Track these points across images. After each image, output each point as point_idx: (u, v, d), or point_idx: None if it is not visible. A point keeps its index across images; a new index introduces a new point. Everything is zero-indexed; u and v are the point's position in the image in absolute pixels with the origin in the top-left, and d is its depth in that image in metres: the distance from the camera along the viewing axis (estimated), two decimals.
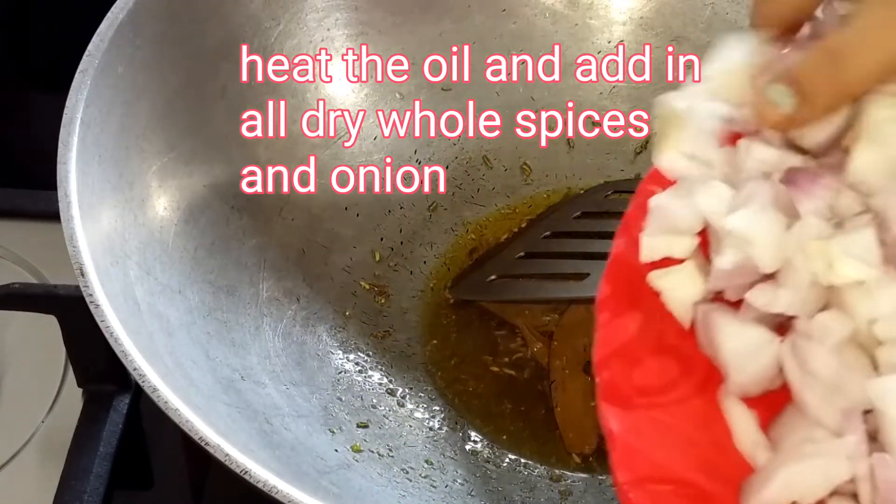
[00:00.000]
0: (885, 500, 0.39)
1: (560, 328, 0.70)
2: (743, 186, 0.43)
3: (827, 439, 0.40)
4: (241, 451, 0.50)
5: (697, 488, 0.42)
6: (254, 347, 0.64)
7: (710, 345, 0.43)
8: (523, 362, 0.70)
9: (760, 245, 0.41)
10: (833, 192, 0.41)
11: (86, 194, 0.57)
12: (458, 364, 0.70)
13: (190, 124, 0.67)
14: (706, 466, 0.42)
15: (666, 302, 0.44)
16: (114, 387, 0.70)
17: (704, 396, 0.43)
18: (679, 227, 0.44)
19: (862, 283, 0.40)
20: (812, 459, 0.40)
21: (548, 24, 0.79)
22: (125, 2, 0.63)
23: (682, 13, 0.78)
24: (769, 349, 0.42)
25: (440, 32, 0.77)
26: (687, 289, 0.43)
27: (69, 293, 0.64)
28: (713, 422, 0.43)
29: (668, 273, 0.44)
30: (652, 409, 0.43)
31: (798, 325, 0.41)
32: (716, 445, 0.42)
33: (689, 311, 0.44)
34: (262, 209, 0.70)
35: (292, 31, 0.73)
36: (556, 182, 0.78)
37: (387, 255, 0.74)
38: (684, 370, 0.43)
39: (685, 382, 0.43)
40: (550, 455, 0.66)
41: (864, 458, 0.39)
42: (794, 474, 0.40)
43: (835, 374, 0.40)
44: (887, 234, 0.40)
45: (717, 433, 0.43)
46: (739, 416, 0.42)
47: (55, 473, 0.66)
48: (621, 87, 0.79)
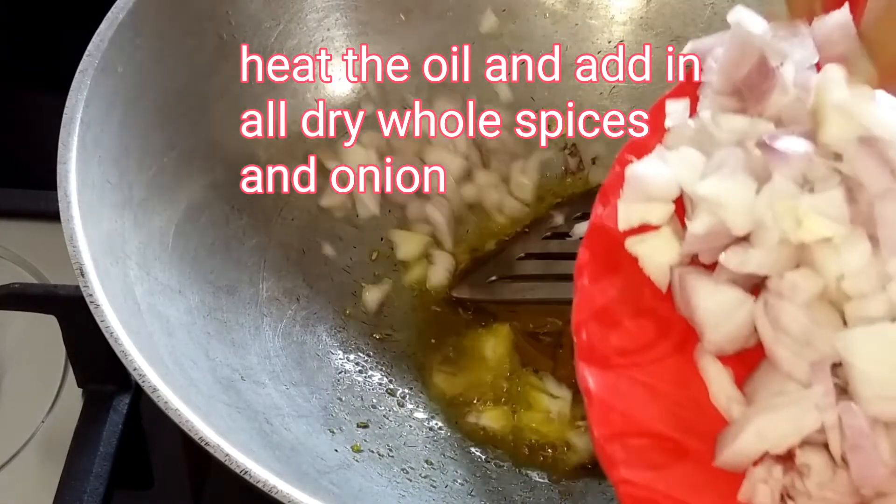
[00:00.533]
0: (852, 446, 0.40)
1: (566, 335, 0.69)
2: (714, 154, 0.44)
3: (798, 392, 0.41)
4: (241, 451, 0.50)
5: (674, 442, 0.43)
6: (254, 347, 0.64)
7: (687, 306, 0.44)
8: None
9: (732, 208, 0.42)
10: (806, 160, 0.42)
11: (86, 194, 0.57)
12: (459, 364, 0.70)
13: (190, 124, 0.67)
14: (683, 422, 0.43)
15: (643, 266, 0.45)
16: (114, 387, 0.70)
17: (681, 356, 0.44)
18: (655, 194, 0.45)
19: (830, 240, 0.41)
20: (783, 410, 0.41)
21: (548, 24, 0.79)
22: (125, 2, 0.63)
23: (682, 13, 0.78)
24: (743, 308, 0.43)
25: (440, 32, 0.77)
26: (663, 253, 0.45)
27: (69, 293, 0.64)
28: (690, 380, 0.44)
29: (645, 239, 0.45)
30: (630, 368, 0.44)
31: (770, 284, 0.43)
32: (692, 402, 0.44)
33: (666, 275, 0.45)
34: (262, 209, 0.70)
35: (292, 31, 0.73)
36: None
37: (387, 254, 0.74)
38: (661, 331, 0.45)
39: (662, 343, 0.45)
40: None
41: (833, 407, 0.40)
42: (766, 424, 0.41)
43: (805, 330, 0.41)
44: (857, 195, 0.41)
45: (693, 391, 0.44)
46: (715, 372, 0.44)
47: (55, 473, 0.66)
48: (621, 87, 0.79)
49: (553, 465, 0.65)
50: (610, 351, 0.44)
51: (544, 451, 0.66)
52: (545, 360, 0.69)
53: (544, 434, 0.66)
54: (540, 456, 0.66)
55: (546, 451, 0.66)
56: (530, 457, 0.65)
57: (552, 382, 0.67)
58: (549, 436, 0.66)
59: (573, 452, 0.65)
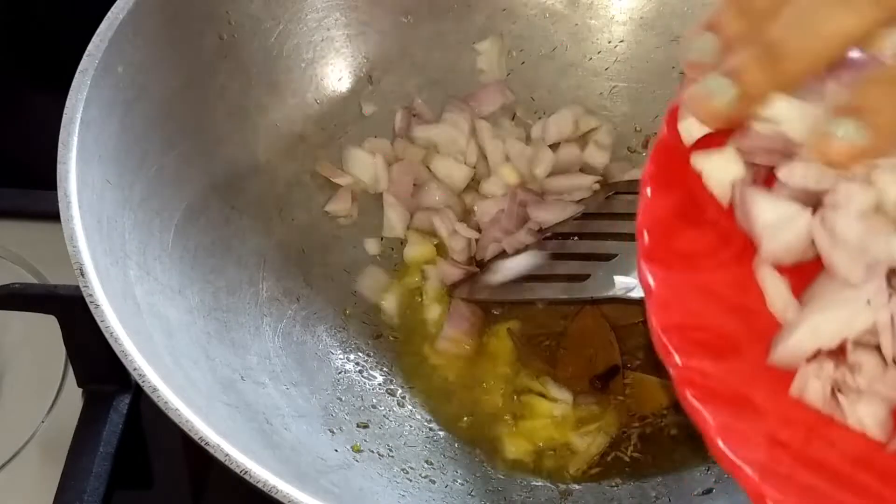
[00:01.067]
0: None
1: (567, 337, 0.70)
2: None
3: (853, 291, 0.43)
4: (241, 451, 0.50)
5: (730, 339, 0.44)
6: (254, 347, 0.64)
7: (746, 219, 0.45)
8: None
9: (794, 119, 0.44)
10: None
11: (86, 194, 0.57)
12: (459, 364, 0.70)
13: (190, 124, 0.67)
14: (739, 323, 0.45)
15: (706, 182, 0.47)
16: (114, 387, 0.70)
17: (740, 266, 0.46)
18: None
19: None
20: (837, 308, 0.43)
21: (548, 24, 0.79)
22: (125, 2, 0.63)
23: (682, 13, 0.78)
24: (801, 219, 0.44)
25: (440, 32, 0.77)
26: (727, 171, 0.46)
27: (69, 293, 0.64)
28: (748, 288, 0.45)
29: (710, 155, 0.46)
30: (690, 270, 0.46)
31: (826, 199, 0.44)
32: (749, 308, 0.45)
33: (728, 191, 0.46)
34: (262, 209, 0.70)
35: (292, 31, 0.73)
36: None
37: (387, 254, 0.74)
38: (722, 242, 0.46)
39: (722, 252, 0.46)
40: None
41: (885, 306, 0.42)
42: (820, 321, 0.43)
43: (861, 237, 0.43)
44: None
45: (751, 299, 0.45)
46: (772, 280, 0.45)
47: (55, 473, 0.66)
48: (621, 87, 0.79)
49: (555, 470, 0.65)
50: (671, 254, 0.46)
51: (546, 455, 0.66)
52: (544, 363, 0.69)
53: (547, 438, 0.66)
54: (543, 461, 0.65)
55: (549, 454, 0.66)
56: (534, 466, 0.65)
57: (553, 386, 0.67)
58: (552, 440, 0.66)
59: (574, 455, 0.65)
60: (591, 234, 0.72)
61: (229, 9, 0.69)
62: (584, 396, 0.67)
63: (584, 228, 0.72)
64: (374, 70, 0.76)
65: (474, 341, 0.70)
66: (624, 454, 0.65)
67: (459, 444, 0.66)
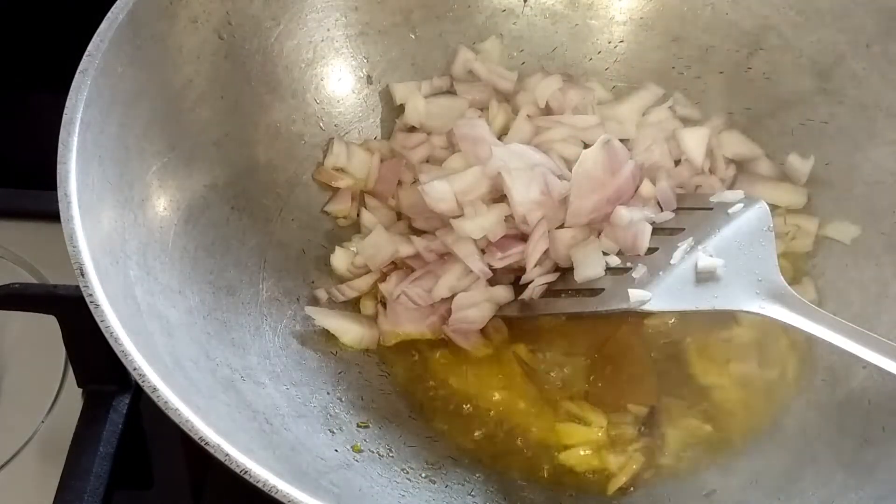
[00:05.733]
0: None
1: (597, 360, 0.68)
2: None
3: None
4: (241, 451, 0.50)
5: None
6: (254, 347, 0.64)
7: None
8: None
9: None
10: None
11: (86, 194, 0.57)
12: (459, 364, 0.70)
13: (190, 124, 0.67)
14: None
15: None
16: (114, 387, 0.70)
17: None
18: None
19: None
20: None
21: (548, 24, 0.79)
22: (125, 2, 0.63)
23: (682, 13, 0.78)
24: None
25: (440, 32, 0.77)
26: None
27: (69, 293, 0.64)
28: None
29: None
30: None
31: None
32: None
33: None
34: (262, 209, 0.70)
35: (292, 31, 0.73)
36: None
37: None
38: None
39: None
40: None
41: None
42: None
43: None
44: None
45: None
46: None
47: (55, 473, 0.66)
48: (621, 87, 0.79)
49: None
50: None
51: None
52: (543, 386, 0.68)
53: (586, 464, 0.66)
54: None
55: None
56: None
57: (588, 408, 0.67)
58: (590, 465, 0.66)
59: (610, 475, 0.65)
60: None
61: (229, 9, 0.69)
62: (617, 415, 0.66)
63: None
64: (374, 70, 0.77)
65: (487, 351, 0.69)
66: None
67: (459, 444, 0.66)
